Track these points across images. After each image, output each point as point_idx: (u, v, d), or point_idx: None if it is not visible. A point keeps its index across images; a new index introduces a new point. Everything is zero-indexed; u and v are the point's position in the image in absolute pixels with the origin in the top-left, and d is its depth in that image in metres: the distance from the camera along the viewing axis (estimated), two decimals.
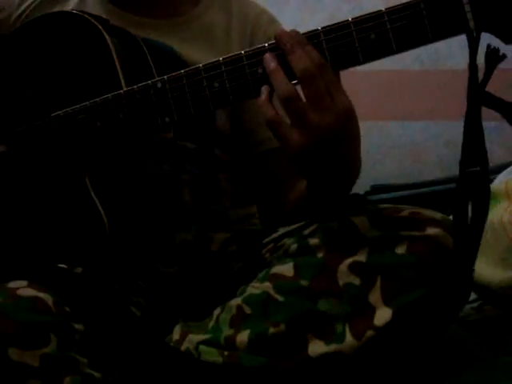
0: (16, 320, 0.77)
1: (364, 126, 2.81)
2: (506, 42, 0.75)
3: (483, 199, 0.78)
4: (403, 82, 2.48)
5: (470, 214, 0.79)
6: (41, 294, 0.81)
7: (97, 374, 0.81)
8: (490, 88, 0.77)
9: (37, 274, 0.87)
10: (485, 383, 0.94)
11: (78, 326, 0.82)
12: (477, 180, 0.77)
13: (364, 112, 2.85)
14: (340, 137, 0.82)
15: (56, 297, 0.82)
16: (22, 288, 0.81)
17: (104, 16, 1.01)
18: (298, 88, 0.83)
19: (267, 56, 0.83)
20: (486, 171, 0.78)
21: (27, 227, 0.96)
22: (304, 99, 0.81)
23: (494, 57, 0.75)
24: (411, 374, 0.87)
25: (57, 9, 1.08)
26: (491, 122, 0.81)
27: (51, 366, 0.77)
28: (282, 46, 0.82)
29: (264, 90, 0.83)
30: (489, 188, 0.79)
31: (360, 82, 2.50)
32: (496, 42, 0.76)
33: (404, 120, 2.54)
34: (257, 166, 1.13)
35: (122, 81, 0.91)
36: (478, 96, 0.76)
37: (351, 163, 0.88)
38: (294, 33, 0.82)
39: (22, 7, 1.10)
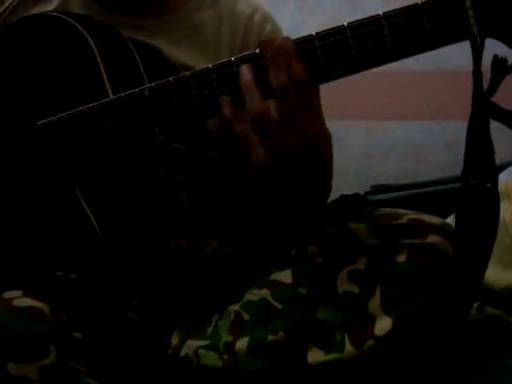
0: (14, 332, 0.76)
1: (364, 126, 2.82)
2: None
3: (493, 216, 0.76)
4: (403, 82, 2.47)
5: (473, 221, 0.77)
6: (37, 304, 0.79)
7: (94, 383, 0.81)
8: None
9: (31, 282, 0.86)
10: None
11: (76, 335, 0.81)
12: (486, 196, 0.74)
13: (364, 112, 2.85)
14: (306, 160, 0.80)
15: (52, 305, 0.81)
16: (18, 298, 0.80)
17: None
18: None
19: (243, 68, 0.79)
20: (496, 187, 0.75)
21: (19, 237, 0.95)
22: (275, 116, 0.78)
23: (501, 68, 0.72)
24: (413, 378, 0.87)
25: (37, 8, 1.05)
26: (491, 122, 0.80)
27: (51, 377, 0.76)
28: (265, 55, 0.79)
29: (225, 103, 0.80)
30: (499, 205, 0.76)
31: (360, 82, 2.50)
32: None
33: (404, 120, 2.53)
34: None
35: (108, 86, 0.88)
36: (483, 105, 0.73)
37: (316, 186, 0.86)
38: (281, 42, 0.78)
39: (1, 9, 1.07)
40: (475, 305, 1.26)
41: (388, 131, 2.55)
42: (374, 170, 2.55)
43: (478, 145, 0.75)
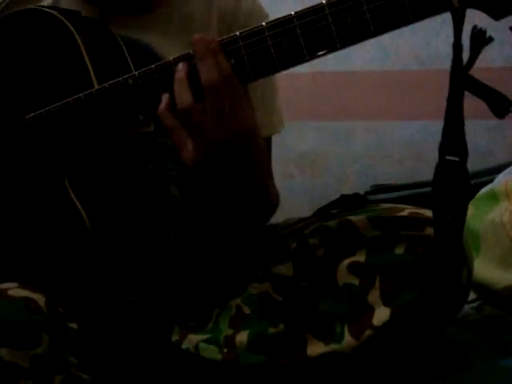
0: (8, 320, 0.77)
1: (364, 126, 2.82)
2: (496, 17, 0.70)
3: (462, 190, 0.75)
4: (403, 82, 2.48)
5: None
6: (32, 295, 0.81)
7: (85, 376, 0.81)
8: None
9: (26, 275, 0.87)
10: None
11: (71, 325, 0.82)
12: (455, 170, 0.74)
13: (364, 112, 2.85)
14: (236, 151, 0.81)
15: (48, 297, 0.82)
16: (13, 289, 0.81)
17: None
18: None
19: (179, 65, 0.82)
20: (465, 161, 0.74)
21: (10, 231, 0.95)
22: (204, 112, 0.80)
23: (479, 39, 0.70)
24: (410, 373, 0.87)
25: (30, 6, 1.02)
26: (491, 120, 0.80)
27: (42, 366, 0.78)
28: (195, 53, 0.81)
29: (163, 97, 0.82)
30: (468, 179, 0.75)
31: (360, 82, 2.50)
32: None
33: (404, 120, 2.53)
34: None
35: (94, 78, 0.88)
36: (460, 79, 0.72)
37: (253, 182, 0.87)
38: (208, 41, 0.80)
39: None
40: (475, 304, 1.27)
41: (388, 131, 2.55)
42: (374, 170, 2.56)
43: (453, 118, 0.75)
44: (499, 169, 1.49)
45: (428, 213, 0.87)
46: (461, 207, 0.75)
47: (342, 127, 2.55)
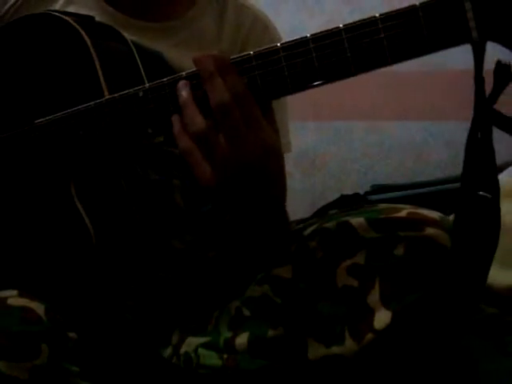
0: (7, 331, 0.76)
1: (364, 126, 2.82)
2: None
3: (494, 228, 0.74)
4: (403, 81, 2.48)
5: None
6: (31, 304, 0.80)
7: None
8: None
9: (27, 282, 0.86)
10: None
11: (71, 335, 0.82)
12: (486, 207, 0.72)
13: (364, 112, 2.85)
14: (256, 174, 0.79)
15: (48, 305, 0.81)
16: (13, 297, 0.80)
17: (95, 14, 0.98)
18: None
19: (180, 84, 0.79)
20: (498, 198, 0.73)
21: (13, 236, 0.94)
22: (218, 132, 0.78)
23: (504, 74, 0.68)
24: (411, 375, 0.87)
25: (41, 9, 1.03)
26: None
27: (41, 377, 0.76)
28: (200, 73, 0.78)
29: (175, 120, 0.80)
30: (499, 217, 0.73)
31: (360, 82, 2.50)
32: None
33: (404, 120, 2.54)
34: None
35: (104, 86, 0.87)
36: (485, 112, 0.70)
37: (269, 200, 0.85)
38: (215, 58, 0.78)
39: (5, 7, 1.07)
40: None
41: (388, 131, 2.55)
42: (374, 170, 2.56)
43: (480, 153, 0.73)
44: (500, 168, 1.49)
45: (426, 212, 0.86)
46: (491, 245, 0.75)
47: (342, 127, 2.55)
